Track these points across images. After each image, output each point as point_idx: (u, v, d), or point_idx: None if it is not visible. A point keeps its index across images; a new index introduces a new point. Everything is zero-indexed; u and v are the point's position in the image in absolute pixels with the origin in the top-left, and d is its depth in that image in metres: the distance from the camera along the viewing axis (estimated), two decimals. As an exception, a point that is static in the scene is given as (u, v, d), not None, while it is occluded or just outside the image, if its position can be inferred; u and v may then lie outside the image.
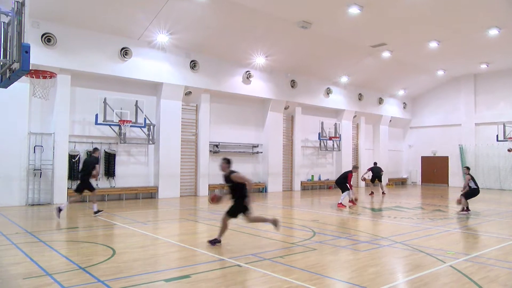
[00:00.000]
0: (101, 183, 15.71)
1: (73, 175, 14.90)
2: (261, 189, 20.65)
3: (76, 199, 11.66)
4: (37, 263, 6.34)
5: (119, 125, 15.70)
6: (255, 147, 20.85)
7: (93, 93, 15.44)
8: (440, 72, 24.92)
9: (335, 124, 23.97)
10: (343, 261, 6.79)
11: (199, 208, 14.32)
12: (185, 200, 16.27)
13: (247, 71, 19.40)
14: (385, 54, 20.46)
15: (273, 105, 20.87)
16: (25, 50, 5.12)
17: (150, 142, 16.81)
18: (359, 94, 25.38)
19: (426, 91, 28.53)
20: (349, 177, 14.49)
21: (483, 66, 23.50)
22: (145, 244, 7.89)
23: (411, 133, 29.85)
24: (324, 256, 7.01)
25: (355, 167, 15.53)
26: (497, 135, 22.97)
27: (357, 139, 26.30)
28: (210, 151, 18.78)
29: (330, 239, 8.59)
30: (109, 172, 15.80)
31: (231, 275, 5.84)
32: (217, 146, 19.17)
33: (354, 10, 14.71)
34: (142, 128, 16.57)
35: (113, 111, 15.50)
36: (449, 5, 14.74)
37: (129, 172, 16.53)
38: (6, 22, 5.73)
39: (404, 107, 28.95)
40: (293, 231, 9.99)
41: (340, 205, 14.13)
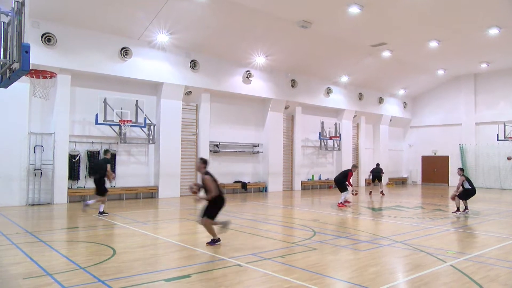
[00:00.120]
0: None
1: (73, 175, 14.93)
2: (261, 189, 20.66)
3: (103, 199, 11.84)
4: (37, 263, 6.34)
5: (119, 125, 15.71)
6: (255, 146, 20.85)
7: (93, 93, 15.44)
8: (440, 72, 24.91)
9: (335, 124, 23.98)
10: (343, 260, 6.79)
11: (199, 207, 14.29)
12: (185, 200, 16.26)
13: (247, 71, 19.39)
14: (385, 54, 20.45)
15: (273, 104, 20.87)
16: (25, 50, 5.11)
17: (150, 142, 16.82)
18: (359, 93, 25.38)
19: (426, 90, 28.53)
20: (349, 176, 14.55)
21: (483, 65, 23.49)
22: (145, 244, 7.89)
23: (411, 132, 29.84)
24: (324, 256, 7.01)
25: (354, 166, 15.54)
26: (497, 135, 22.98)
27: (357, 138, 26.29)
28: (211, 150, 18.79)
29: (331, 239, 8.59)
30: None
31: (231, 274, 5.83)
32: (217, 145, 19.18)
33: (354, 10, 14.71)
34: (142, 128, 16.58)
35: (113, 111, 15.50)
36: (449, 4, 14.73)
37: (130, 172, 16.54)
38: (6, 22, 5.72)
39: (404, 107, 28.94)
40: (293, 230, 10.00)
41: (340, 204, 14.15)
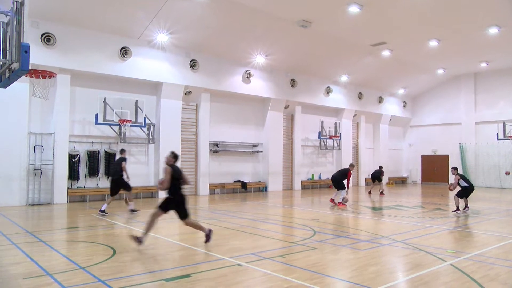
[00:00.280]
0: (101, 182, 15.74)
1: (73, 175, 14.93)
2: (261, 189, 20.66)
3: (115, 198, 12.33)
4: (37, 263, 6.33)
5: (119, 125, 15.70)
6: (255, 146, 20.84)
7: (93, 92, 15.43)
8: (440, 71, 24.90)
9: (335, 123, 23.98)
10: (343, 260, 6.79)
11: (199, 207, 14.32)
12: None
13: (247, 71, 19.39)
14: (385, 53, 20.44)
15: (273, 104, 20.86)
16: (24, 50, 5.11)
17: (150, 142, 16.82)
18: (359, 93, 25.37)
19: (426, 90, 28.52)
20: (349, 175, 14.55)
21: (483, 64, 23.48)
22: (145, 244, 7.89)
23: (411, 132, 29.84)
24: (324, 255, 7.01)
25: (352, 165, 15.45)
26: (497, 134, 22.98)
27: (357, 138, 26.29)
28: (210, 150, 18.79)
29: (331, 238, 8.59)
30: (109, 172, 15.74)
31: (231, 274, 5.83)
32: (217, 145, 19.18)
33: (354, 9, 14.70)
34: (142, 128, 16.57)
35: (113, 110, 15.49)
36: (449, 4, 14.72)
37: (129, 171, 16.28)
38: (6, 22, 5.72)
39: (404, 106, 28.94)
40: (293, 230, 10.00)
41: (340, 204, 14.15)
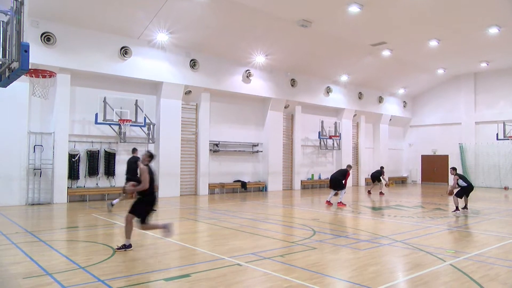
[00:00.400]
0: (101, 182, 15.73)
1: (73, 174, 14.92)
2: (261, 188, 20.66)
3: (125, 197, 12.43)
4: (37, 262, 6.33)
5: (119, 124, 15.69)
6: (255, 146, 20.84)
7: (93, 92, 15.42)
8: (440, 71, 24.89)
9: (335, 123, 23.98)
10: (343, 260, 6.79)
11: (199, 207, 14.32)
12: (185, 199, 16.26)
13: (247, 70, 19.38)
14: (385, 53, 20.43)
15: (273, 104, 20.86)
16: (24, 49, 5.10)
17: (150, 141, 16.81)
18: (359, 93, 25.37)
19: (426, 89, 28.51)
20: (347, 176, 14.57)
21: (483, 64, 23.47)
22: (145, 243, 7.89)
23: (411, 131, 29.84)
24: (324, 255, 7.01)
25: (349, 166, 15.42)
26: (497, 134, 23.01)
27: (357, 138, 26.29)
28: (210, 150, 18.78)
29: (330, 238, 8.59)
30: (109, 171, 15.80)
31: (231, 274, 5.83)
32: (217, 145, 19.17)
33: (354, 9, 14.69)
34: (142, 127, 16.56)
35: (113, 110, 15.49)
36: (449, 4, 14.71)
37: (129, 171, 16.50)
38: (5, 21, 5.71)
39: (404, 106, 28.93)
40: (293, 230, 10.00)
41: (340, 204, 14.15)
